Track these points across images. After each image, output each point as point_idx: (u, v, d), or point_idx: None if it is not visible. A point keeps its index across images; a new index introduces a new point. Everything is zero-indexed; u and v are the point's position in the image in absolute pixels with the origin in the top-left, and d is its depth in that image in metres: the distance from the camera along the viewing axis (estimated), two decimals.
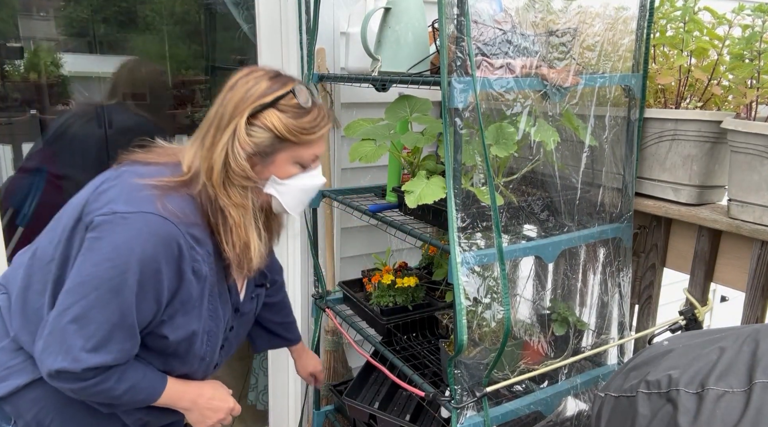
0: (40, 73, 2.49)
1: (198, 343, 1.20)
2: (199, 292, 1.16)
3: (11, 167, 2.69)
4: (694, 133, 1.49)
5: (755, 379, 0.61)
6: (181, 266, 1.11)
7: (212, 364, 1.31)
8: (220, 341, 1.28)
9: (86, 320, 1.06)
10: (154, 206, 1.09)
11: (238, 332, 1.40)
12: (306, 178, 1.22)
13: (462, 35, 1.21)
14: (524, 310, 1.74)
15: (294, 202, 1.24)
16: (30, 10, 2.40)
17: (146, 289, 1.08)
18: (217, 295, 1.21)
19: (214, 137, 1.15)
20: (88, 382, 1.10)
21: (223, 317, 1.25)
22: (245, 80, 1.17)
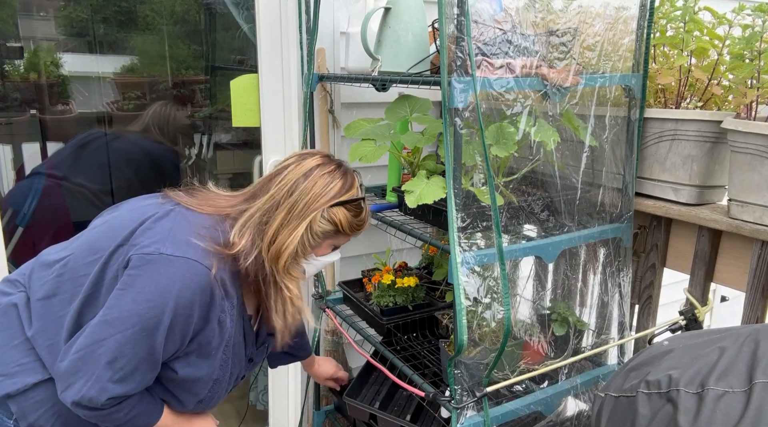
0: (40, 73, 2.49)
1: (201, 387, 1.25)
2: (218, 341, 1.21)
3: (11, 167, 2.69)
4: (694, 133, 1.49)
5: (755, 379, 0.61)
6: (209, 313, 1.17)
7: (209, 406, 1.35)
8: (224, 390, 1.33)
9: (119, 353, 1.11)
10: (199, 254, 1.15)
11: (244, 377, 1.45)
12: (330, 257, 1.36)
13: (462, 35, 1.21)
14: (524, 310, 1.74)
15: (312, 272, 1.37)
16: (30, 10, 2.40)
17: (176, 331, 1.13)
18: (232, 347, 1.26)
19: (285, 221, 1.22)
20: (104, 411, 1.15)
21: (232, 367, 1.29)
22: (321, 173, 1.27)
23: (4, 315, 1.26)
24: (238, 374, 1.35)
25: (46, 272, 1.25)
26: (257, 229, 1.22)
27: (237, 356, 1.30)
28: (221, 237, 1.20)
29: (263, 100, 2.06)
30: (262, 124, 2.09)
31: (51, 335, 1.20)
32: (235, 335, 1.26)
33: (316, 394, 2.15)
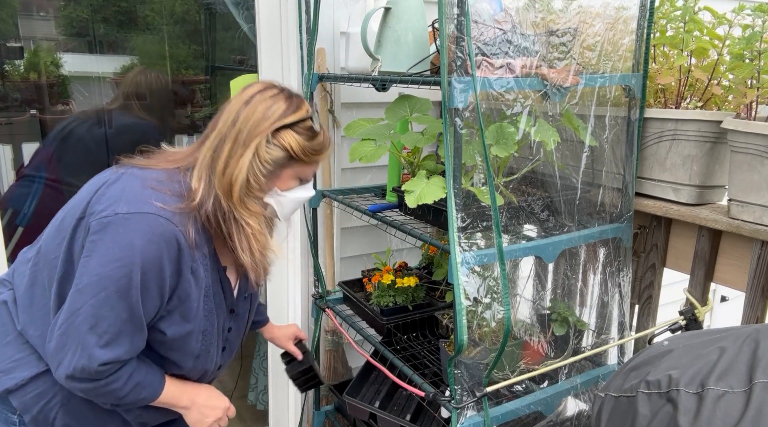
0: (40, 73, 2.49)
1: (193, 341, 1.24)
2: (197, 293, 1.21)
3: (11, 167, 2.69)
4: (694, 133, 1.49)
5: (755, 379, 0.61)
6: (180, 265, 1.16)
7: (210, 364, 1.33)
8: (216, 341, 1.31)
9: (98, 318, 1.11)
10: (155, 207, 1.13)
11: (238, 332, 1.43)
12: (301, 191, 1.31)
13: (462, 35, 1.21)
14: (524, 310, 1.74)
15: (287, 211, 1.33)
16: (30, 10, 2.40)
17: (150, 286, 1.12)
18: (212, 296, 1.26)
19: (232, 151, 1.20)
20: (100, 382, 1.14)
21: (218, 317, 1.29)
22: (262, 98, 1.22)
23: None
24: (224, 325, 1.34)
25: (25, 266, 1.27)
26: (210, 168, 1.21)
27: (219, 306, 1.29)
28: (182, 188, 1.20)
29: None
30: None
31: (39, 325, 1.21)
32: (213, 285, 1.26)
33: (316, 394, 2.15)
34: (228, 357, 1.43)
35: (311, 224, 2.00)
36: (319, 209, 2.08)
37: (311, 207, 2.00)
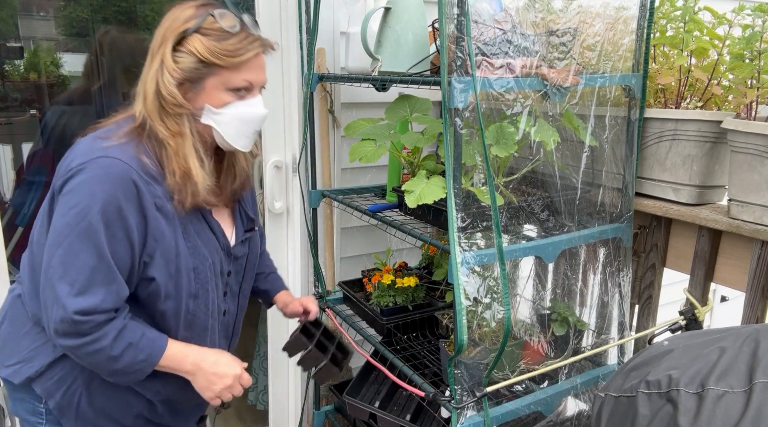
0: (40, 73, 2.49)
1: (185, 280, 1.22)
2: (171, 229, 1.19)
3: (11, 167, 2.69)
4: (695, 133, 1.49)
5: (755, 379, 0.61)
6: (141, 202, 1.14)
7: (212, 305, 1.30)
8: (212, 280, 1.29)
9: (66, 266, 1.11)
10: (104, 150, 1.14)
11: (239, 278, 1.42)
12: (242, 107, 1.21)
13: (462, 35, 1.21)
14: (524, 310, 1.74)
15: (232, 133, 1.23)
16: (30, 10, 2.40)
17: (114, 229, 1.12)
18: (195, 233, 1.24)
19: (147, 66, 1.19)
20: (86, 338, 1.13)
21: (209, 255, 1.27)
22: (173, 11, 1.20)
23: (13, 307, 1.32)
24: (220, 265, 1.31)
25: (26, 258, 1.30)
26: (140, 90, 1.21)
27: (208, 245, 1.27)
28: (129, 124, 1.20)
29: (263, 99, 2.06)
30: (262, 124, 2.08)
31: None
32: (193, 223, 1.24)
33: (316, 394, 2.15)
34: (232, 304, 1.41)
35: (311, 224, 2.00)
36: (319, 209, 2.08)
37: (311, 207, 2.00)
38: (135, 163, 1.14)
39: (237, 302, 1.44)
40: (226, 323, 1.42)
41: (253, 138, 1.28)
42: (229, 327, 1.44)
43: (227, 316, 1.40)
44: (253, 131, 1.26)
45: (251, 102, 1.23)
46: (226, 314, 1.40)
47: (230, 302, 1.40)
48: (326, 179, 2.09)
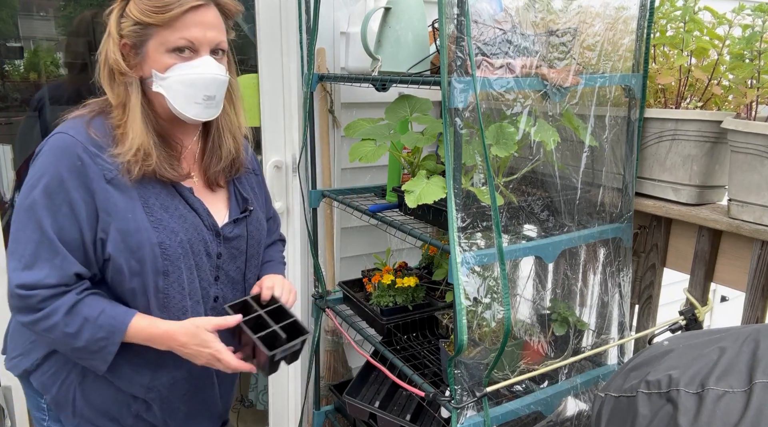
0: (39, 73, 2.49)
1: (149, 255, 1.16)
2: (126, 201, 1.16)
3: (11, 167, 2.68)
4: (695, 133, 1.49)
5: (755, 379, 0.61)
6: (88, 175, 1.12)
7: (193, 287, 1.24)
8: (189, 259, 1.22)
9: (16, 242, 1.14)
10: (59, 127, 1.16)
11: (233, 260, 1.34)
12: (185, 68, 1.15)
13: (462, 35, 1.21)
14: (524, 310, 1.74)
15: (179, 99, 1.17)
16: (30, 10, 2.40)
17: (57, 203, 1.11)
18: (161, 207, 1.20)
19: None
20: (37, 314, 1.12)
21: (180, 231, 1.21)
22: None
23: None
24: (204, 245, 1.25)
25: None
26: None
27: (181, 220, 1.22)
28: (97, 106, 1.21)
29: (263, 100, 2.06)
30: (262, 124, 2.09)
31: None
32: (159, 196, 1.20)
33: (316, 394, 2.15)
34: (228, 289, 1.34)
35: (311, 224, 2.00)
36: (319, 209, 2.08)
37: (311, 207, 2.00)
38: (82, 135, 1.14)
39: (239, 291, 1.38)
40: (222, 311, 1.33)
41: (206, 106, 1.20)
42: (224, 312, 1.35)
43: (219, 303, 1.33)
44: (204, 97, 1.18)
45: (195, 63, 1.15)
46: (218, 300, 1.33)
47: (226, 288, 1.34)
48: (326, 179, 2.09)
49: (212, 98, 1.20)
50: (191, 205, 1.25)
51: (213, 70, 1.18)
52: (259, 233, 1.41)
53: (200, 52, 1.17)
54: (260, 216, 1.42)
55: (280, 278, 1.42)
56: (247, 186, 1.41)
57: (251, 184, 1.43)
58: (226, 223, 1.32)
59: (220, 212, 1.32)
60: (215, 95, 1.21)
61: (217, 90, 1.20)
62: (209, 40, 1.17)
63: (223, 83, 1.21)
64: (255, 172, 1.46)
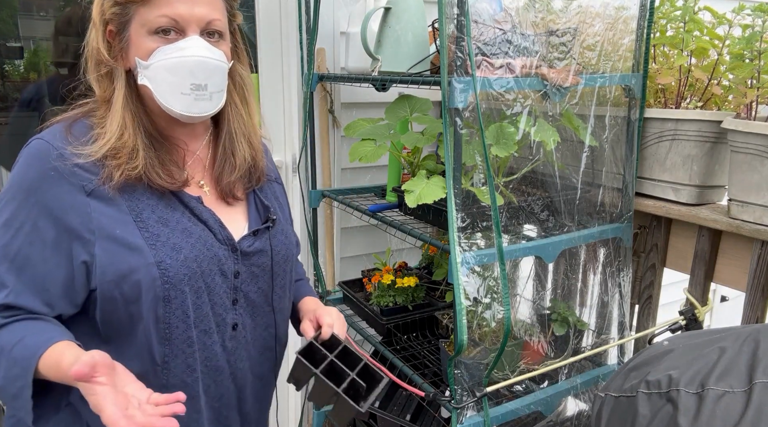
0: (39, 73, 2.49)
1: (144, 277, 0.95)
2: (113, 216, 0.96)
3: None
4: (695, 133, 1.49)
5: (755, 379, 0.61)
6: (62, 187, 0.94)
7: (202, 314, 1.03)
8: (193, 277, 1.01)
9: None
10: (39, 134, 1.00)
11: (254, 279, 1.12)
12: (168, 52, 0.95)
13: (462, 35, 1.21)
14: (524, 310, 1.74)
15: (162, 89, 0.97)
16: (30, 10, 2.40)
17: (19, 218, 0.94)
18: (158, 221, 1.00)
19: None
20: None
21: (185, 246, 1.01)
22: None
23: None
24: (217, 262, 1.04)
25: None
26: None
27: (183, 234, 1.01)
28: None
29: (263, 100, 2.06)
30: (262, 124, 2.09)
31: None
32: (155, 208, 1.00)
33: None
34: (249, 315, 1.11)
35: (311, 224, 2.00)
36: (319, 209, 2.08)
37: (311, 207, 2.00)
38: (59, 140, 0.97)
39: (263, 318, 1.15)
40: (243, 342, 1.11)
41: (196, 97, 0.99)
42: (249, 347, 1.13)
43: (239, 331, 1.10)
44: (191, 85, 0.97)
45: (180, 44, 0.96)
46: (238, 328, 1.10)
47: (246, 314, 1.11)
48: (326, 179, 2.09)
49: (202, 88, 0.99)
50: (198, 216, 1.05)
51: (201, 51, 0.97)
52: (286, 248, 1.18)
53: (187, 31, 0.97)
54: (287, 228, 1.21)
55: (335, 311, 1.20)
56: (270, 195, 1.21)
57: (274, 193, 1.23)
58: (245, 235, 1.11)
59: (237, 224, 1.12)
60: (206, 84, 0.99)
61: (208, 77, 0.99)
62: (198, 17, 0.97)
63: (216, 69, 1.00)
64: (277, 180, 1.27)
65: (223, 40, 1.03)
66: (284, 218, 1.23)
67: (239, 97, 1.13)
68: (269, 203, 1.18)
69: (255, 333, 1.15)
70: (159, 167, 1.01)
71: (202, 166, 1.12)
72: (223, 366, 1.09)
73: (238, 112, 1.13)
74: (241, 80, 1.12)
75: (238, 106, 1.13)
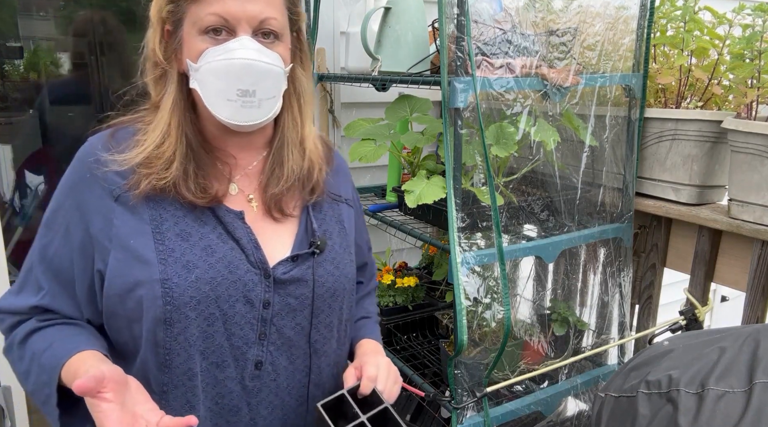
0: (39, 73, 2.49)
1: (147, 295, 0.87)
2: (134, 225, 0.90)
3: (11, 167, 2.68)
4: (695, 133, 1.49)
5: (755, 379, 0.61)
6: (93, 192, 0.92)
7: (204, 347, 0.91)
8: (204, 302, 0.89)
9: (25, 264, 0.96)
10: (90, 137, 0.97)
11: (298, 320, 0.97)
12: (216, 53, 0.87)
13: (462, 35, 1.21)
14: (524, 310, 1.74)
15: (210, 94, 0.89)
16: (30, 10, 2.40)
17: (57, 220, 0.93)
18: (178, 235, 0.91)
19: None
20: (6, 341, 0.95)
21: (200, 265, 0.90)
22: None
23: None
24: (242, 288, 0.92)
25: None
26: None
27: (203, 251, 0.91)
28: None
29: None
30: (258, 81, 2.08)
31: None
32: (180, 221, 0.92)
33: None
34: (283, 355, 0.96)
35: None
36: None
37: None
38: (101, 143, 0.94)
39: (301, 359, 0.98)
40: (272, 385, 0.96)
41: (242, 104, 0.90)
42: (281, 392, 0.97)
43: (265, 370, 0.94)
44: (238, 91, 0.89)
45: (230, 45, 0.87)
46: (264, 367, 0.94)
47: (279, 353, 0.95)
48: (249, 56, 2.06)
49: (250, 94, 0.90)
50: (231, 233, 0.93)
51: (249, 53, 0.87)
52: (335, 280, 1.00)
53: (237, 31, 0.88)
54: (341, 258, 1.02)
55: (385, 363, 1.00)
56: (329, 217, 1.04)
57: (337, 215, 1.06)
58: (282, 260, 0.96)
59: (281, 246, 0.98)
60: (254, 90, 0.89)
61: (256, 82, 0.89)
62: (250, 15, 0.88)
63: (267, 73, 0.90)
64: (347, 201, 1.09)
65: (279, 42, 0.93)
66: (342, 245, 1.04)
67: (297, 105, 1.02)
68: (320, 225, 1.02)
69: (291, 378, 0.98)
70: (192, 180, 0.93)
71: (256, 179, 1.01)
72: (241, 408, 0.95)
73: (294, 119, 1.02)
74: (298, 83, 1.00)
75: (295, 114, 1.02)
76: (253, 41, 0.89)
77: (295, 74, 1.00)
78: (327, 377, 1.03)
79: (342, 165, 1.13)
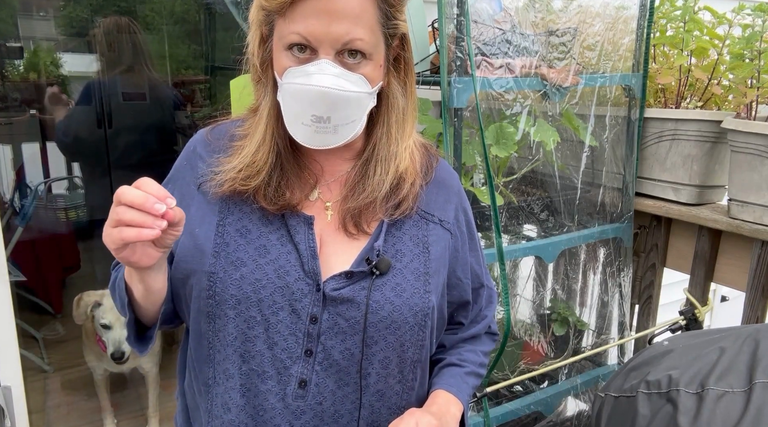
0: (39, 73, 2.50)
1: (195, 285, 0.88)
2: (204, 214, 0.91)
3: (11, 167, 2.69)
4: (695, 132, 1.49)
5: (755, 379, 0.61)
6: (184, 178, 0.95)
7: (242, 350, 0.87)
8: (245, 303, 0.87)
9: None
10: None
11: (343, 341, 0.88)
12: (295, 74, 0.84)
13: (462, 35, 1.21)
14: (524, 310, 1.74)
15: (289, 115, 0.87)
16: (30, 10, 2.40)
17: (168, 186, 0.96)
18: (238, 231, 0.90)
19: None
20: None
21: (252, 264, 0.88)
22: None
23: None
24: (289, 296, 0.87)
25: None
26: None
27: (257, 250, 0.88)
28: None
29: None
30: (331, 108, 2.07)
31: None
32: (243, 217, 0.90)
33: None
34: (330, 379, 0.88)
35: None
36: None
37: None
38: (202, 134, 0.99)
39: (353, 393, 0.89)
40: (317, 409, 0.88)
41: (316, 130, 0.86)
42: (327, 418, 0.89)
43: (310, 391, 0.87)
44: (312, 117, 0.85)
45: (308, 68, 0.83)
46: (309, 387, 0.87)
47: (327, 376, 0.88)
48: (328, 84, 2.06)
49: (325, 121, 0.86)
50: (292, 236, 0.90)
51: (325, 81, 0.83)
52: (395, 310, 0.89)
53: (319, 52, 0.84)
54: (409, 286, 0.91)
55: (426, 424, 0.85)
56: (407, 236, 0.94)
57: (422, 236, 0.95)
58: (335, 275, 0.89)
59: (343, 261, 0.91)
60: (329, 117, 0.86)
61: (330, 109, 0.85)
62: (333, 37, 0.82)
63: (343, 101, 0.85)
64: (442, 224, 0.97)
65: (368, 61, 0.87)
66: (417, 271, 0.92)
67: (395, 118, 0.94)
68: (393, 243, 0.93)
69: (339, 405, 0.90)
70: (273, 188, 0.90)
71: (339, 191, 0.96)
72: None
73: (388, 134, 0.95)
74: (397, 101, 0.94)
75: (391, 128, 0.94)
76: (332, 66, 0.84)
77: (390, 89, 0.93)
78: (385, 421, 0.92)
79: (447, 180, 1.00)
